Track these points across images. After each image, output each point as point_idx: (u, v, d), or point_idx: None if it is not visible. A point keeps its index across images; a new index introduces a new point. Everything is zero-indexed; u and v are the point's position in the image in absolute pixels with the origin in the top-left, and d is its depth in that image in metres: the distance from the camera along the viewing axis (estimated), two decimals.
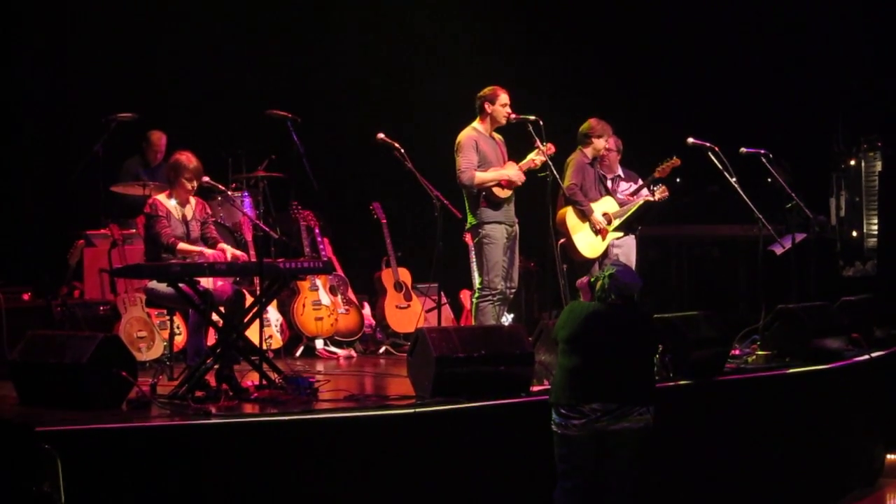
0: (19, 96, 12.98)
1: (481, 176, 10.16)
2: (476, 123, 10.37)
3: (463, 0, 14.54)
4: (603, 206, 11.13)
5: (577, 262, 10.97)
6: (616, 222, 11.13)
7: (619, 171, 11.71)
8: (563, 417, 7.62)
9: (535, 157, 10.26)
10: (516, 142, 10.53)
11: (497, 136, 10.48)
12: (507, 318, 10.90)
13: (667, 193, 11.35)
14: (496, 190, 10.21)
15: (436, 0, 14.43)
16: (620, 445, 7.55)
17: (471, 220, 10.29)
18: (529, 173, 10.32)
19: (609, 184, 11.53)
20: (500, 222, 10.22)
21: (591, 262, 10.97)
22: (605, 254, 11.10)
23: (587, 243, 10.99)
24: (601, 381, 7.56)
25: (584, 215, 10.98)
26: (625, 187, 11.54)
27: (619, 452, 7.57)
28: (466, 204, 10.29)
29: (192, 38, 13.26)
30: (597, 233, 11.00)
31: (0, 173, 12.79)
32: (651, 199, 11.27)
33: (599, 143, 11.15)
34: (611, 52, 14.89)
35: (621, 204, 11.23)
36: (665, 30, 14.88)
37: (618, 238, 11.26)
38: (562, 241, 10.93)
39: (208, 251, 9.20)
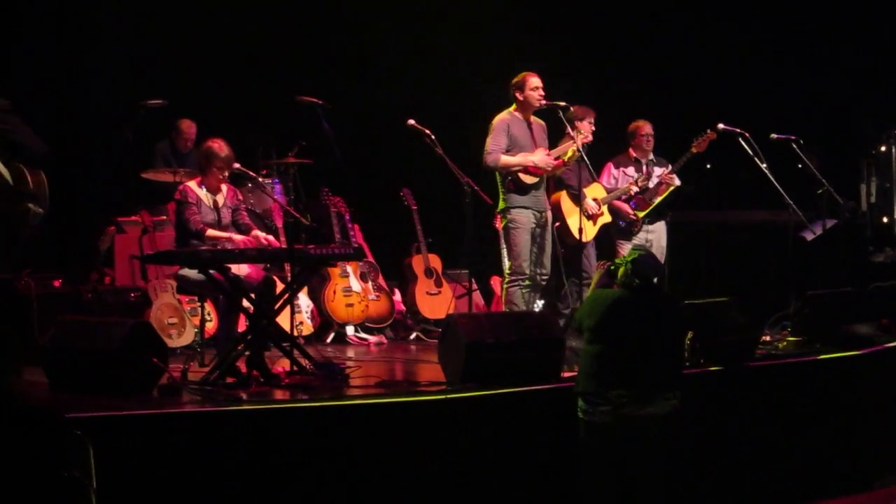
0: (46, 83, 12.99)
1: (506, 160, 10.16)
2: (512, 108, 10.39)
3: None
4: (592, 192, 11.16)
5: (569, 245, 10.92)
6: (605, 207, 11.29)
7: (652, 156, 11.76)
8: (589, 405, 7.61)
9: (568, 146, 10.29)
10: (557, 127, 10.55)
11: (537, 120, 10.47)
12: (538, 305, 10.90)
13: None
14: (522, 175, 10.22)
15: None
16: (647, 431, 7.52)
17: (500, 204, 10.31)
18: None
19: (644, 168, 11.62)
20: (526, 207, 10.23)
21: (583, 245, 10.98)
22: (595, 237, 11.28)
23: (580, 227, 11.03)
24: (627, 366, 7.54)
25: (577, 199, 10.96)
26: (658, 172, 11.56)
27: (645, 438, 7.54)
28: (499, 188, 10.31)
29: (221, 23, 13.26)
30: (589, 217, 11.02)
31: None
32: (680, 185, 11.34)
33: (585, 127, 11.05)
34: (641, 38, 14.83)
35: (609, 190, 11.37)
36: (695, 16, 14.82)
37: (651, 225, 11.55)
38: (557, 224, 10.91)
39: (237, 237, 9.22)
